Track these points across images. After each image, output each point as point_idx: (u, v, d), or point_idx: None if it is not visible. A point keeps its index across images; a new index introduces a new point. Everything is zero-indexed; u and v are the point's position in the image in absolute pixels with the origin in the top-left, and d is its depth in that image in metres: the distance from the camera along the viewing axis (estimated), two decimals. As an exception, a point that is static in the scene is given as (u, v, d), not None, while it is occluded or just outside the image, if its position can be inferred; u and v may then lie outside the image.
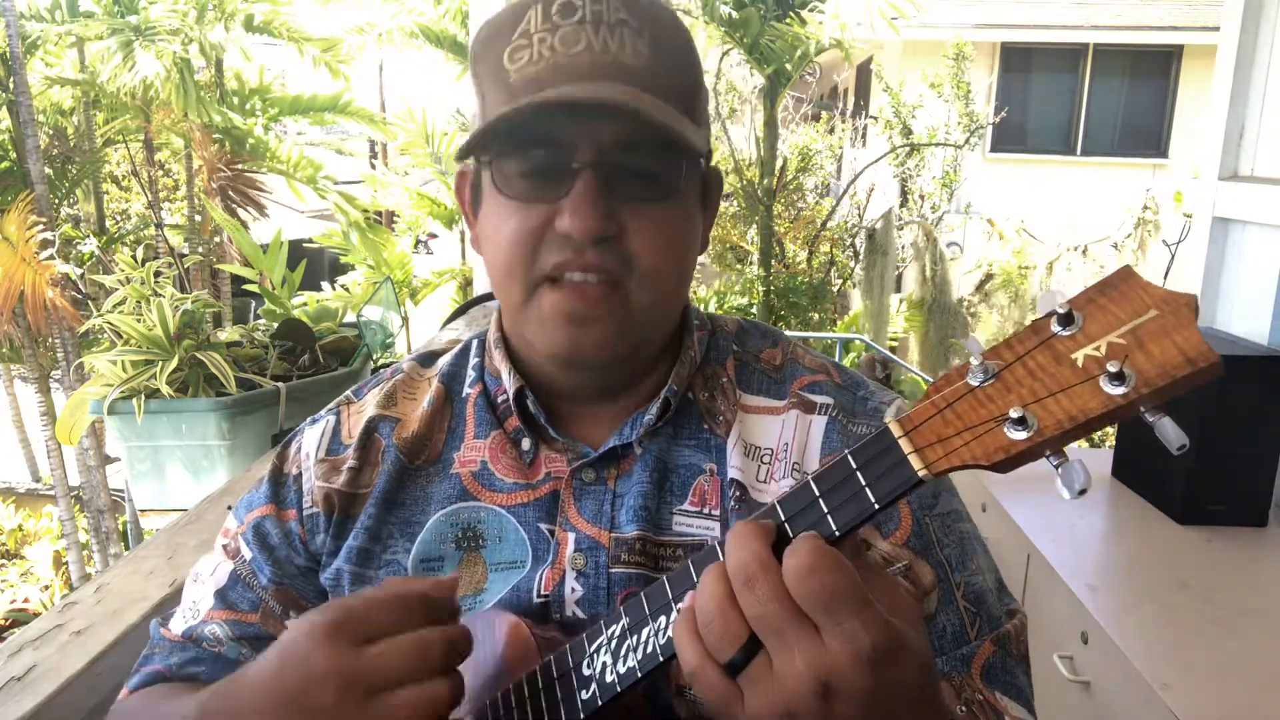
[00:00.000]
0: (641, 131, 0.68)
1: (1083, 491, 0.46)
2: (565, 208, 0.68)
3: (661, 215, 0.71)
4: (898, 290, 9.63)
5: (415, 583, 0.62)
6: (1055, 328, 0.48)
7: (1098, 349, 0.46)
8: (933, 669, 0.53)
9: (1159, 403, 0.45)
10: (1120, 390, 0.45)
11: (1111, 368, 0.45)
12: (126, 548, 6.34)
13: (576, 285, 0.70)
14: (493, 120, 0.67)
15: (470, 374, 0.84)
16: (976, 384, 0.49)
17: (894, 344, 9.52)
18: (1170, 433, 0.45)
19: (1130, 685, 1.41)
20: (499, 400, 0.82)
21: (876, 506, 0.50)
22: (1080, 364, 0.46)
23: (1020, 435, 0.47)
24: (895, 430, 0.50)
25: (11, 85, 6.23)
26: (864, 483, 0.51)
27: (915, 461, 0.49)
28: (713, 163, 0.80)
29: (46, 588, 6.70)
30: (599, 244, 0.68)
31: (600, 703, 0.59)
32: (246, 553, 0.83)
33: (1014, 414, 0.47)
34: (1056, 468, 0.47)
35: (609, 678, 0.58)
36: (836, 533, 0.51)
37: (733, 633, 0.49)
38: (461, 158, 0.74)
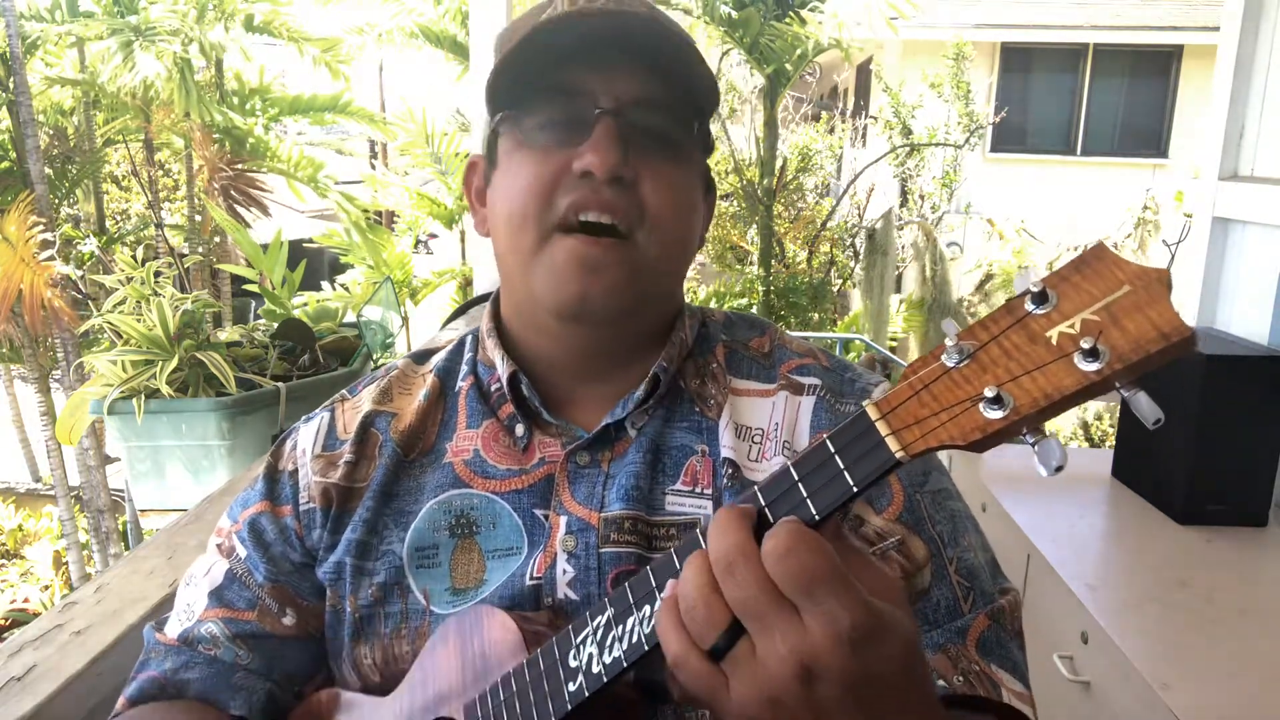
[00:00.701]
0: (658, 89, 0.73)
1: (1059, 468, 0.46)
2: (586, 148, 0.71)
3: (673, 173, 0.75)
4: (898, 290, 9.63)
5: None
6: (1029, 306, 0.48)
7: (1072, 326, 0.46)
8: (919, 650, 0.53)
9: (1134, 377, 0.45)
10: (1094, 366, 0.45)
11: (1085, 344, 0.45)
12: (126, 548, 6.34)
13: (590, 234, 0.72)
14: (518, 43, 0.71)
15: (463, 368, 0.86)
16: (952, 365, 0.49)
17: (894, 344, 9.51)
18: (1145, 407, 0.45)
19: (1130, 685, 1.42)
20: (492, 389, 0.83)
21: (855, 489, 0.50)
22: (1054, 342, 0.46)
23: (996, 414, 0.47)
24: (872, 413, 0.51)
25: (11, 85, 6.23)
26: (842, 466, 0.51)
27: (892, 443, 0.49)
28: (712, 169, 0.82)
29: (46, 588, 6.69)
30: (615, 185, 0.72)
31: (587, 694, 0.59)
32: (241, 551, 0.84)
33: (989, 393, 0.47)
34: (1033, 445, 0.47)
35: (595, 668, 0.59)
36: (816, 516, 0.51)
37: (715, 618, 0.50)
38: (489, 101, 0.77)
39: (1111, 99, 11.28)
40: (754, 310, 8.50)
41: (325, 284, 7.32)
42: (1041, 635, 1.73)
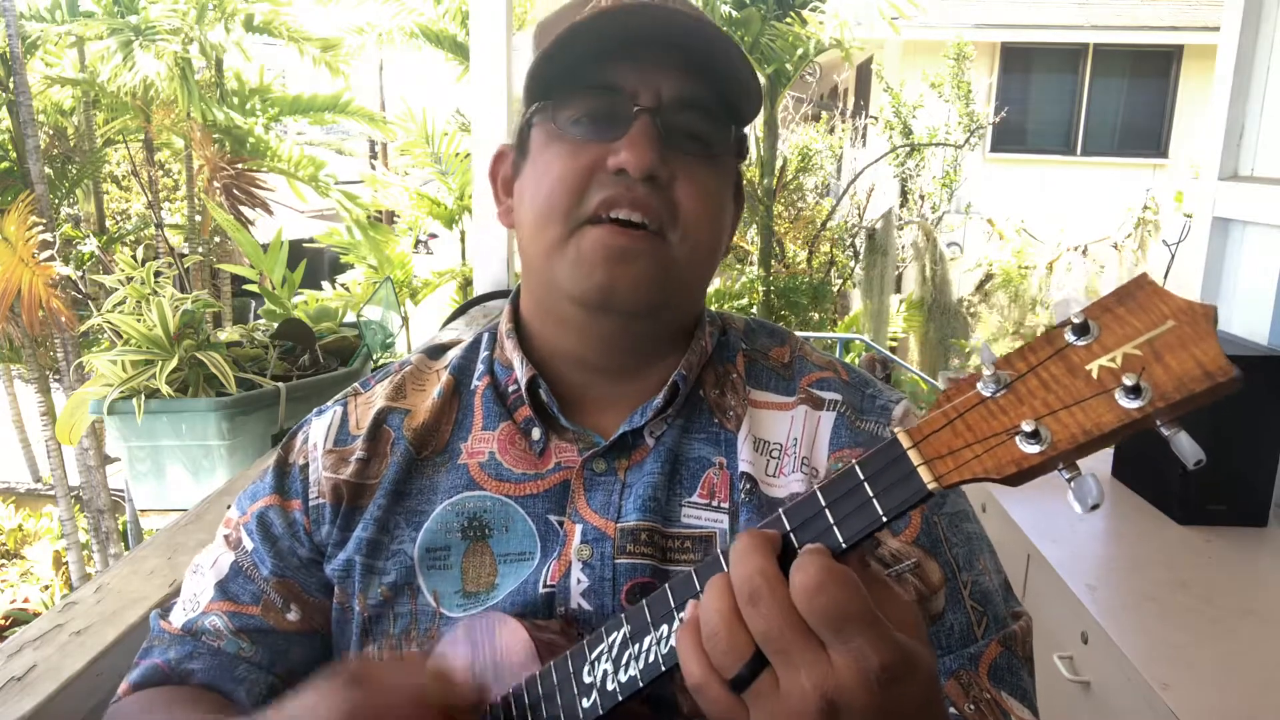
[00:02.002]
0: (700, 90, 0.72)
1: (1095, 506, 0.45)
2: (622, 145, 0.70)
3: (707, 175, 0.74)
4: (898, 290, 9.62)
5: (424, 668, 0.62)
6: (1070, 337, 0.46)
7: (1113, 360, 0.45)
8: (938, 682, 0.52)
9: (1175, 416, 0.44)
10: (1136, 404, 0.43)
11: (1128, 380, 0.43)
12: (126, 548, 6.34)
13: (621, 224, 0.71)
14: (563, 34, 0.70)
15: (479, 367, 0.85)
16: (989, 394, 0.48)
17: (894, 344, 9.51)
18: (1186, 448, 0.44)
19: (1130, 685, 1.41)
20: (509, 391, 0.82)
21: (884, 519, 0.49)
22: (1095, 376, 0.45)
23: (1033, 449, 0.45)
24: (905, 441, 0.49)
25: (11, 85, 6.23)
26: (871, 494, 0.49)
27: (925, 474, 0.48)
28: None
29: (46, 588, 6.70)
30: (648, 184, 0.71)
31: (601, 711, 0.58)
32: (248, 544, 0.83)
33: (1026, 427, 0.45)
34: (1069, 481, 0.46)
35: (610, 686, 0.58)
36: (844, 545, 0.50)
37: (738, 648, 0.49)
38: (528, 92, 0.76)
39: (1111, 99, 11.27)
40: (754, 310, 8.50)
41: (325, 284, 7.32)
42: (1041, 635, 1.73)
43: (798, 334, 0.90)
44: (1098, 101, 11.25)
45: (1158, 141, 11.12)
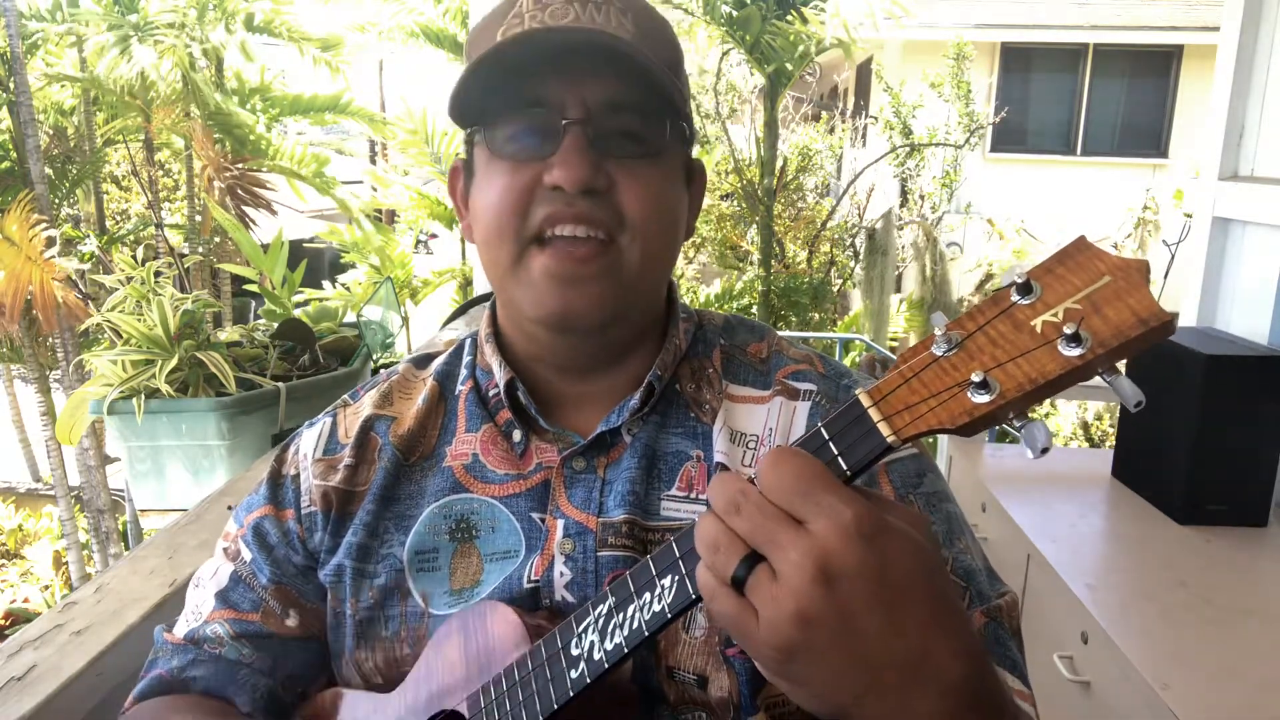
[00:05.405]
0: (628, 92, 0.72)
1: (1045, 450, 0.48)
2: (554, 162, 0.70)
3: (649, 173, 0.74)
4: (898, 290, 9.62)
5: None
6: (1015, 297, 0.50)
7: (1055, 315, 0.48)
8: (938, 560, 0.52)
9: (1115, 362, 0.47)
10: (1077, 352, 0.47)
11: (1068, 330, 0.47)
12: (126, 548, 6.33)
13: (566, 245, 0.72)
14: (480, 57, 0.70)
15: (463, 372, 0.86)
16: (941, 353, 0.51)
17: (894, 344, 9.50)
18: (1127, 390, 0.47)
19: (1130, 685, 1.42)
20: (490, 394, 0.83)
21: (850, 474, 0.52)
22: (1039, 330, 0.48)
23: (983, 399, 0.49)
24: (865, 400, 0.52)
25: (12, 85, 6.23)
26: (836, 452, 0.52)
27: (884, 429, 0.51)
28: (704, 158, 0.82)
29: (46, 588, 6.69)
30: (588, 196, 0.71)
31: (589, 680, 0.60)
32: (246, 554, 0.85)
33: (976, 378, 0.49)
34: (1019, 429, 0.49)
35: (597, 655, 0.60)
36: None
37: (733, 553, 0.51)
38: (455, 114, 0.76)
39: (1111, 99, 11.26)
40: (754, 310, 8.50)
41: (325, 284, 7.32)
42: (1041, 635, 1.73)
43: (794, 336, 0.90)
44: (1098, 101, 11.24)
45: (1158, 141, 11.12)
